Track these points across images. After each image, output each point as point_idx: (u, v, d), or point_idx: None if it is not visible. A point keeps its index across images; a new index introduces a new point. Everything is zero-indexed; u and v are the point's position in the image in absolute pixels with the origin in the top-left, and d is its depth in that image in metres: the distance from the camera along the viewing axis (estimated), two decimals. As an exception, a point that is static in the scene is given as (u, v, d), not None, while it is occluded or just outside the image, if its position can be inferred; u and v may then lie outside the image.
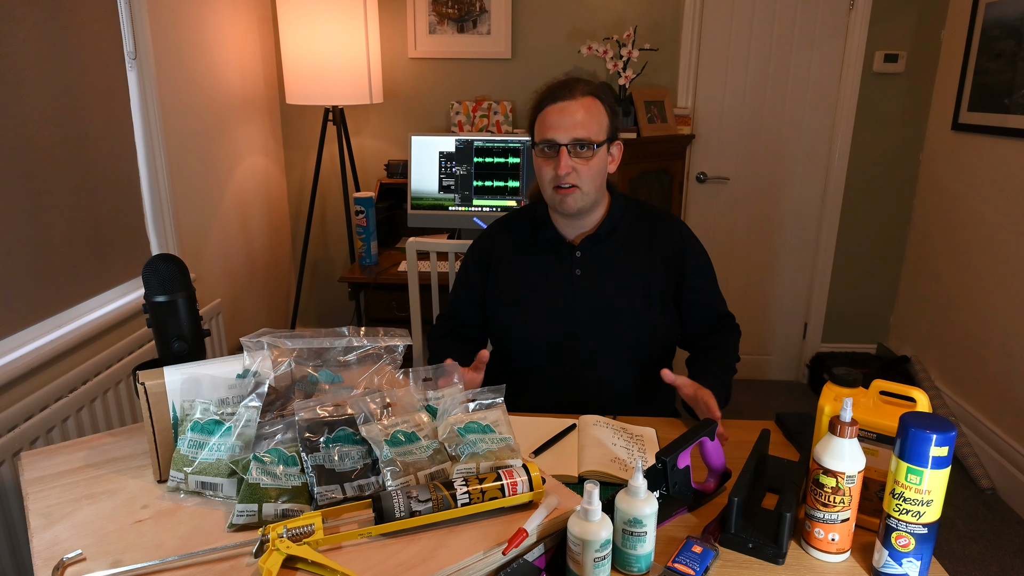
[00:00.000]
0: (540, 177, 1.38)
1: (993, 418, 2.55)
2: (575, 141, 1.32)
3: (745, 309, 3.33)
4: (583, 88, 1.35)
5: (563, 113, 1.33)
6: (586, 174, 1.34)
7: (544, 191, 1.40)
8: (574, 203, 1.36)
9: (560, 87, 1.36)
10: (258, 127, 2.95)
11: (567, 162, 1.32)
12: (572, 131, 1.32)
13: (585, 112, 1.33)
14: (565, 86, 1.35)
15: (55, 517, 0.91)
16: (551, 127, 1.33)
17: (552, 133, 1.33)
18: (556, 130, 1.32)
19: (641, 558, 0.88)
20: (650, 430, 1.25)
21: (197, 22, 2.42)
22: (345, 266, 3.33)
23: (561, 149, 1.32)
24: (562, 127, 1.32)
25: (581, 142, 1.32)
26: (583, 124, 1.32)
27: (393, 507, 0.85)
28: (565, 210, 1.37)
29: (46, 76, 1.69)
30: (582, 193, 1.35)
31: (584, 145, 1.32)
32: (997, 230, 2.55)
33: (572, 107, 1.32)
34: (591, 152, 1.33)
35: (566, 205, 1.36)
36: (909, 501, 0.85)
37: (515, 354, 1.48)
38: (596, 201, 1.41)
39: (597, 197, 1.40)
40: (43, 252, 1.69)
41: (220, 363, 1.02)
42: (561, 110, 1.33)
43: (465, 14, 3.00)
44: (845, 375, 1.00)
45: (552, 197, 1.38)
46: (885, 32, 2.95)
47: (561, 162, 1.32)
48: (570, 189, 1.34)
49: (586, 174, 1.34)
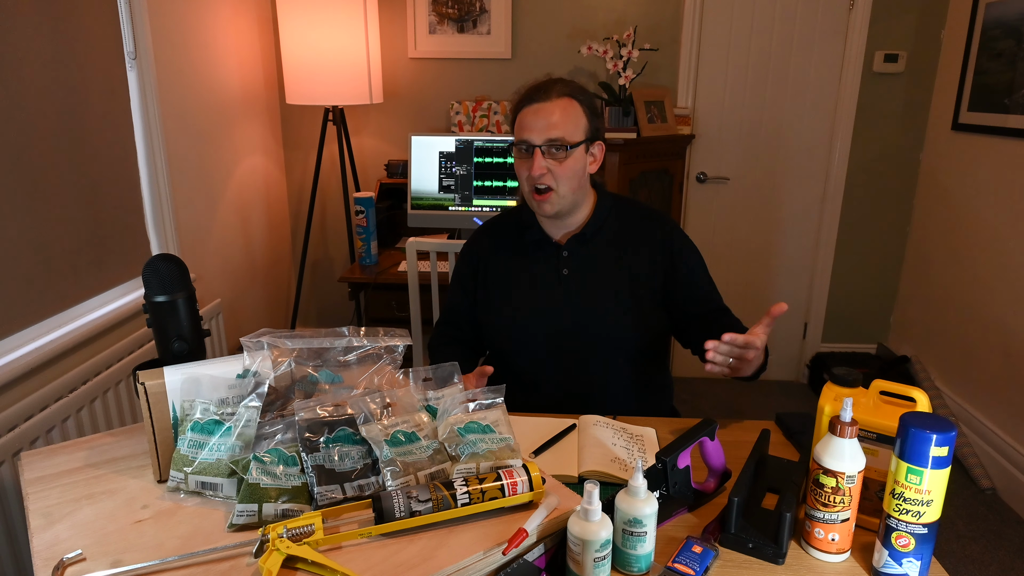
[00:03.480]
0: (519, 178, 1.39)
1: (993, 418, 2.55)
2: (549, 142, 1.33)
3: (745, 309, 3.31)
4: (559, 89, 1.35)
5: (538, 115, 1.33)
6: (561, 175, 1.34)
7: (524, 193, 1.41)
8: (551, 207, 1.37)
9: (536, 89, 1.36)
10: (258, 127, 2.95)
11: (540, 163, 1.33)
12: (546, 132, 1.33)
13: (561, 113, 1.33)
14: (541, 88, 1.36)
15: (55, 517, 0.91)
16: (526, 128, 1.34)
17: (527, 134, 1.34)
18: (530, 131, 1.34)
19: (641, 558, 0.88)
20: (650, 430, 1.25)
21: (197, 22, 2.42)
22: (345, 266, 3.33)
23: (535, 150, 1.33)
24: (536, 128, 1.33)
25: (555, 143, 1.33)
26: (558, 125, 1.33)
27: (393, 507, 0.85)
28: (543, 213, 1.39)
29: (46, 76, 1.69)
30: (558, 196, 1.36)
31: (558, 147, 1.33)
32: (997, 230, 2.55)
33: (547, 108, 1.33)
34: (564, 153, 1.34)
35: (543, 210, 1.38)
36: (909, 501, 0.85)
37: (508, 355, 1.49)
38: (576, 202, 1.41)
39: (576, 198, 1.40)
40: (43, 252, 1.69)
41: (220, 363, 1.02)
42: (536, 111, 1.34)
43: (465, 14, 3.00)
44: (845, 375, 1.00)
45: (530, 200, 1.39)
46: (885, 32, 2.95)
47: (535, 163, 1.33)
48: (546, 194, 1.35)
49: (561, 175, 1.34)
